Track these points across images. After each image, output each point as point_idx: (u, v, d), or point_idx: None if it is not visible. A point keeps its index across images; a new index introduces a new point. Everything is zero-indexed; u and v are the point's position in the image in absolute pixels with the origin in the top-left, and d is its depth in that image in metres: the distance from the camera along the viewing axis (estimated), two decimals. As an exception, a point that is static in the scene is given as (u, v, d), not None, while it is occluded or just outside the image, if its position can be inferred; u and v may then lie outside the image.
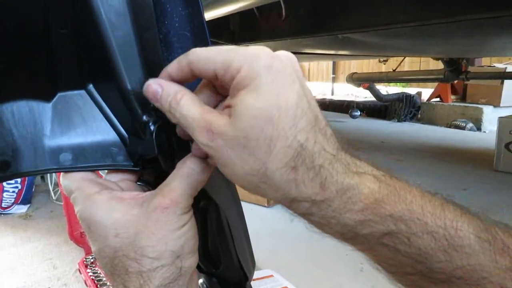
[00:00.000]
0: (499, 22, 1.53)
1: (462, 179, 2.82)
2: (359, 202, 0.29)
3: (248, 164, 0.28)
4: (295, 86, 0.29)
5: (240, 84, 0.28)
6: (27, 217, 2.20)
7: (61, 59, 0.35)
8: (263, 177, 0.29)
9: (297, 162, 0.28)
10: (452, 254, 0.29)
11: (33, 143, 0.35)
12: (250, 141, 0.28)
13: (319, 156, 0.29)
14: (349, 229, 0.30)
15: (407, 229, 0.29)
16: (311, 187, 0.29)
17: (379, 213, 0.29)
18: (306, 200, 0.29)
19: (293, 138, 0.28)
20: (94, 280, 1.39)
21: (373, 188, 0.29)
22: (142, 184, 0.39)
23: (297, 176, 0.28)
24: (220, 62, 0.29)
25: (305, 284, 1.42)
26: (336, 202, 0.29)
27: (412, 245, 0.29)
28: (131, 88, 0.34)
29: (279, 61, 0.29)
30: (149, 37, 0.36)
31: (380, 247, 0.30)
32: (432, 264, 0.29)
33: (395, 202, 0.29)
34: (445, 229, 0.29)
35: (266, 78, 0.28)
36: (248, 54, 0.29)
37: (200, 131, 0.30)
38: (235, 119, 0.28)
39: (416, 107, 5.74)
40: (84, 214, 0.34)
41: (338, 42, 2.25)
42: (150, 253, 0.32)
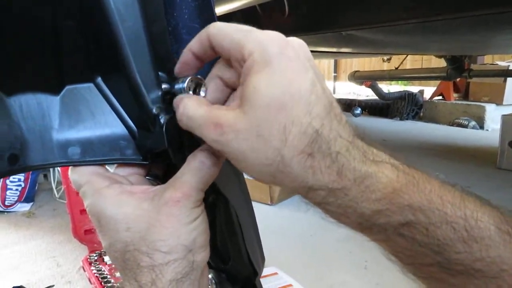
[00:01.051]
0: (502, 18, 1.52)
1: (465, 177, 2.81)
2: (377, 191, 0.28)
3: (262, 154, 0.28)
4: (308, 73, 0.29)
5: (251, 69, 0.28)
6: (30, 215, 2.21)
7: (69, 51, 0.35)
8: (280, 166, 0.28)
9: (313, 148, 0.28)
10: (472, 245, 0.28)
11: (41, 137, 0.35)
12: (264, 129, 0.27)
13: (335, 142, 0.28)
14: (366, 219, 0.29)
15: (426, 219, 0.28)
16: (328, 175, 0.28)
17: (397, 202, 0.28)
18: (323, 188, 0.28)
19: (307, 125, 0.27)
20: (98, 278, 1.39)
21: (391, 177, 0.29)
22: (151, 178, 0.39)
23: (314, 163, 0.28)
24: (236, 42, 0.29)
25: (309, 281, 1.42)
26: (353, 191, 0.28)
27: (430, 236, 0.29)
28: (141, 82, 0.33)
29: (292, 48, 0.29)
30: (158, 29, 0.36)
31: (397, 237, 0.29)
32: (451, 255, 0.29)
33: (414, 191, 0.29)
34: (465, 219, 0.29)
35: (278, 65, 0.28)
36: (261, 39, 0.29)
37: (207, 127, 0.29)
38: (247, 108, 0.28)
39: (418, 106, 5.73)
40: (94, 208, 0.34)
41: (341, 39, 2.24)
42: (162, 247, 0.32)
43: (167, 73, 0.36)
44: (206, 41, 0.31)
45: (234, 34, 0.30)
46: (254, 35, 0.29)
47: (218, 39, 0.31)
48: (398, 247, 0.30)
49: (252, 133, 0.28)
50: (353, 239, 1.76)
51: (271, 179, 0.29)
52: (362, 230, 0.31)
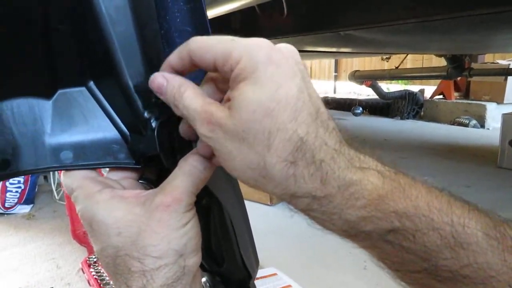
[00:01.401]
0: (502, 17, 1.51)
1: (465, 176, 2.80)
2: (362, 198, 0.28)
3: (247, 158, 0.28)
4: (295, 79, 0.28)
5: (240, 76, 0.28)
6: (30, 217, 2.21)
7: (61, 55, 0.35)
8: (263, 171, 0.28)
9: (296, 156, 0.27)
10: (459, 251, 0.28)
11: (33, 141, 0.35)
12: (249, 134, 0.27)
13: (320, 150, 0.28)
14: (351, 226, 0.29)
15: (412, 225, 0.28)
16: (311, 182, 0.28)
17: (383, 209, 0.28)
18: (306, 195, 0.28)
19: (293, 132, 0.27)
20: (97, 280, 1.39)
21: (377, 183, 0.29)
22: (144, 182, 0.39)
23: (296, 171, 0.28)
24: (220, 52, 0.29)
25: (308, 282, 1.42)
26: (337, 198, 0.28)
27: (417, 242, 0.28)
28: (133, 86, 0.33)
29: (280, 53, 0.29)
30: (150, 32, 0.36)
31: (384, 244, 0.29)
32: (438, 262, 0.28)
33: (400, 197, 0.29)
34: (452, 225, 0.28)
35: (266, 70, 0.28)
36: (248, 45, 0.28)
37: (201, 122, 0.29)
38: (234, 112, 0.28)
39: (419, 105, 5.72)
40: (86, 213, 0.34)
41: (340, 39, 2.24)
42: (153, 252, 0.32)
43: None
44: (186, 57, 0.31)
45: (217, 45, 0.29)
46: (240, 43, 0.29)
47: (200, 53, 0.30)
48: (384, 254, 0.30)
49: (238, 136, 0.28)
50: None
51: (254, 183, 0.29)
52: (349, 237, 0.30)
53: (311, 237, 1.87)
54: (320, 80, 9.73)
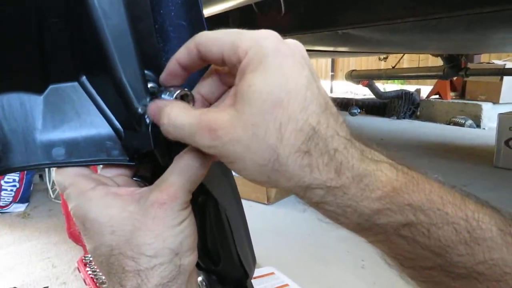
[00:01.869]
0: (499, 16, 1.52)
1: (462, 176, 2.81)
2: (377, 190, 0.28)
3: (258, 154, 0.27)
4: (304, 71, 0.28)
5: (248, 67, 0.27)
6: (26, 216, 2.19)
7: (53, 50, 0.34)
8: (276, 165, 0.27)
9: (310, 146, 0.27)
10: (474, 247, 0.27)
11: (24, 138, 0.34)
12: (260, 128, 0.27)
13: (333, 140, 0.27)
14: (365, 219, 0.28)
15: (427, 219, 0.28)
16: (326, 172, 0.27)
17: (398, 202, 0.28)
18: (321, 187, 0.28)
19: (304, 121, 0.27)
20: (93, 279, 1.38)
21: (391, 176, 0.28)
22: (138, 179, 0.38)
23: (311, 161, 0.27)
24: (228, 44, 0.29)
25: (306, 281, 1.42)
26: (352, 190, 0.28)
27: (431, 237, 0.28)
28: (127, 81, 0.32)
29: (288, 46, 0.29)
30: (144, 27, 0.35)
31: (397, 238, 0.29)
32: (453, 258, 0.28)
33: (414, 191, 0.28)
34: (467, 220, 0.28)
35: (274, 61, 0.27)
36: (256, 37, 0.28)
37: (201, 134, 0.28)
38: (241, 106, 0.27)
39: (415, 104, 5.73)
40: (78, 211, 0.33)
41: (338, 38, 2.24)
42: (147, 251, 0.31)
43: (153, 72, 0.35)
44: (194, 50, 0.30)
45: (224, 37, 0.29)
46: (248, 34, 0.28)
47: (207, 46, 0.30)
48: (398, 249, 0.29)
49: (247, 133, 0.27)
50: (351, 239, 1.74)
51: (266, 180, 0.28)
52: (361, 231, 0.30)
53: (309, 236, 1.87)
54: (317, 80, 9.72)
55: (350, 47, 3.21)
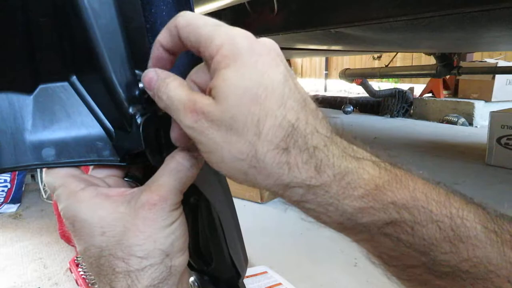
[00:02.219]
0: (491, 15, 1.53)
1: (454, 174, 2.83)
2: (359, 188, 0.27)
3: (236, 148, 0.27)
4: (280, 68, 0.28)
5: (221, 64, 0.27)
6: (17, 216, 2.17)
7: (42, 49, 0.34)
8: (253, 161, 0.27)
9: (288, 143, 0.26)
10: (458, 245, 0.27)
11: (13, 138, 0.34)
12: (237, 121, 0.26)
13: (312, 137, 0.27)
14: (348, 217, 0.28)
15: (411, 217, 0.27)
16: (305, 171, 0.27)
17: (381, 200, 0.27)
18: (300, 185, 0.27)
19: (282, 118, 0.26)
20: (85, 279, 1.37)
21: (373, 173, 0.28)
22: (129, 180, 0.38)
23: (290, 158, 0.27)
24: (204, 36, 0.28)
25: (299, 280, 1.42)
26: (333, 188, 0.27)
27: (415, 235, 0.28)
28: (117, 81, 0.32)
29: (262, 44, 0.28)
30: (135, 26, 0.35)
31: (381, 237, 0.28)
32: (437, 256, 0.28)
33: (397, 188, 0.28)
34: (451, 218, 0.28)
35: (249, 59, 0.27)
36: (230, 34, 0.28)
37: (184, 112, 0.28)
38: (219, 98, 0.27)
39: (408, 103, 5.76)
40: (68, 212, 0.33)
41: (331, 37, 2.24)
42: (138, 252, 0.31)
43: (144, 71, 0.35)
44: (174, 32, 0.30)
45: (202, 28, 0.28)
46: (223, 29, 0.28)
47: (186, 32, 0.29)
48: (382, 247, 0.29)
49: (225, 124, 0.26)
50: (343, 238, 1.75)
51: (243, 177, 0.28)
52: (344, 229, 0.29)
53: (302, 234, 1.87)
54: (310, 78, 9.75)
55: (343, 46, 3.21)
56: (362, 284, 1.46)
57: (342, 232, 0.30)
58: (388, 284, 0.33)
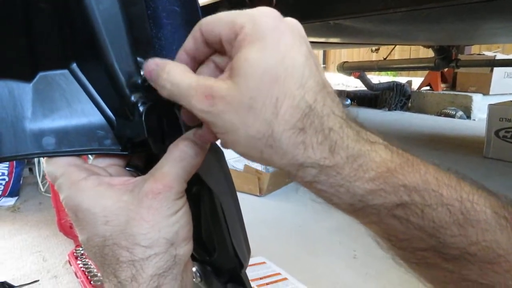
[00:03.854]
0: (489, 6, 1.52)
1: (452, 166, 2.83)
2: (371, 170, 0.28)
3: (253, 128, 0.27)
4: (302, 48, 0.28)
5: (243, 41, 0.27)
6: (15, 210, 2.17)
7: (41, 36, 0.33)
8: (270, 140, 0.27)
9: (305, 123, 0.27)
10: (467, 228, 0.27)
11: (13, 127, 0.33)
12: (256, 102, 0.26)
13: (329, 118, 0.27)
14: (358, 199, 0.28)
15: (421, 200, 0.28)
16: (319, 151, 0.27)
17: (392, 182, 0.28)
18: (314, 166, 0.27)
19: (300, 98, 0.27)
20: (84, 272, 1.37)
21: (385, 157, 0.28)
22: (131, 169, 0.37)
23: (306, 138, 0.27)
24: (225, 21, 0.28)
25: (298, 272, 1.42)
26: (346, 169, 0.27)
27: (425, 218, 0.28)
28: (119, 68, 0.32)
29: (286, 23, 0.28)
30: (136, 12, 0.34)
31: (391, 219, 0.28)
32: (446, 239, 0.28)
33: (409, 172, 0.28)
34: (461, 202, 0.28)
35: (272, 37, 0.27)
36: (254, 13, 0.28)
37: (199, 97, 0.28)
38: (239, 79, 0.27)
39: (406, 96, 5.75)
40: (71, 201, 0.32)
41: (330, 29, 2.23)
42: (142, 241, 0.30)
43: (146, 59, 0.35)
44: (199, 36, 0.30)
45: (224, 17, 0.29)
46: (246, 11, 0.28)
47: (209, 27, 0.29)
48: (391, 230, 0.29)
49: (244, 105, 0.27)
50: (342, 230, 1.76)
51: (259, 155, 0.28)
52: (354, 211, 0.29)
53: (301, 226, 1.87)
54: (308, 71, 9.71)
55: (342, 38, 3.20)
56: (361, 276, 1.47)
57: (352, 214, 0.30)
58: (386, 275, 0.32)
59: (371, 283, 1.41)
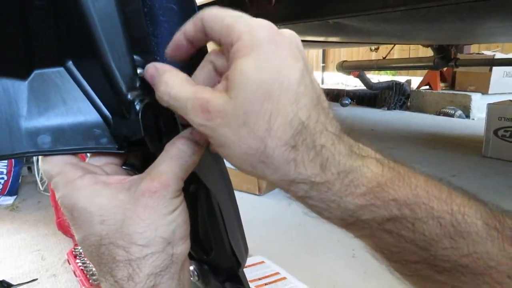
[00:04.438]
0: (489, 5, 1.52)
1: (451, 166, 2.84)
2: (362, 186, 0.28)
3: (246, 143, 0.27)
4: (298, 63, 0.28)
5: (239, 52, 0.27)
6: (14, 209, 2.16)
7: (37, 33, 0.33)
8: (262, 156, 0.27)
9: (297, 140, 0.27)
10: (459, 241, 0.28)
11: (8, 125, 0.33)
12: (250, 117, 0.26)
13: (321, 135, 0.27)
14: (349, 214, 0.28)
15: (412, 214, 0.28)
16: (311, 168, 0.27)
17: (382, 197, 0.28)
18: (305, 182, 0.28)
19: (293, 115, 0.27)
20: (83, 271, 1.37)
21: (376, 171, 0.28)
22: (128, 168, 0.37)
23: (297, 155, 0.27)
24: (226, 25, 0.28)
25: (297, 271, 1.42)
26: (337, 185, 0.28)
27: (416, 231, 0.28)
28: (115, 66, 0.31)
29: (283, 36, 0.28)
30: (132, 10, 0.34)
31: (382, 233, 0.29)
32: (437, 251, 0.28)
33: (399, 186, 0.28)
34: (452, 214, 0.28)
35: (267, 51, 0.27)
36: (251, 24, 0.28)
37: (195, 111, 0.28)
38: (234, 92, 0.27)
39: (405, 95, 5.76)
40: (67, 200, 0.32)
41: (329, 27, 2.22)
42: (139, 240, 0.30)
43: (142, 57, 0.34)
44: (199, 25, 0.30)
45: (225, 18, 0.29)
46: (245, 19, 0.28)
47: (210, 22, 0.29)
48: (383, 243, 0.29)
49: (238, 120, 0.27)
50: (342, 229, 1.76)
51: (253, 170, 0.28)
52: (346, 226, 0.30)
53: (300, 226, 1.87)
54: (308, 71, 9.69)
55: (341, 37, 3.20)
56: (360, 275, 1.47)
57: (344, 228, 0.30)
58: (385, 275, 0.33)
59: (370, 282, 1.41)
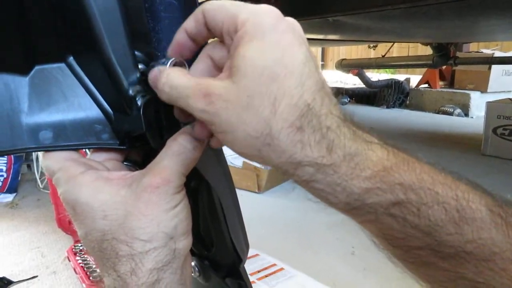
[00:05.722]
0: (488, 3, 1.52)
1: (450, 164, 2.84)
2: (367, 169, 0.28)
3: (251, 126, 0.27)
4: (302, 48, 0.28)
5: (243, 38, 0.27)
6: (14, 206, 2.17)
7: (38, 29, 0.33)
8: (267, 139, 0.27)
9: (303, 122, 0.27)
10: (463, 226, 0.28)
11: (10, 121, 0.33)
12: (254, 100, 0.26)
13: (326, 118, 0.27)
14: (355, 198, 0.28)
15: (417, 198, 0.28)
16: (317, 150, 0.27)
17: (388, 181, 0.28)
18: (311, 164, 0.27)
19: (299, 97, 0.27)
20: (83, 268, 1.37)
21: (382, 156, 0.28)
22: (129, 164, 0.37)
23: (303, 137, 0.27)
24: (230, 12, 0.28)
25: (296, 267, 1.42)
26: (343, 168, 0.27)
27: (421, 216, 0.28)
28: (116, 61, 0.31)
29: (286, 22, 0.28)
30: (133, 5, 0.34)
31: (387, 218, 0.29)
32: (442, 237, 0.28)
33: (405, 170, 0.28)
34: (457, 200, 0.28)
35: (272, 36, 0.27)
36: (255, 10, 0.28)
37: (196, 97, 0.28)
38: (237, 77, 0.27)
39: (404, 94, 5.76)
40: (69, 196, 0.32)
41: (329, 25, 2.22)
42: (141, 235, 0.30)
43: (143, 52, 0.34)
44: (200, 18, 0.30)
45: (229, 6, 0.29)
46: (249, 6, 0.28)
47: (212, 13, 0.29)
48: (387, 228, 0.29)
49: (242, 104, 0.27)
50: (341, 226, 1.77)
51: (256, 153, 0.28)
52: (351, 210, 0.29)
53: (299, 223, 1.88)
54: (307, 69, 9.69)
55: (341, 35, 3.20)
56: (359, 272, 1.47)
57: (348, 213, 0.30)
58: (385, 271, 0.32)
59: (369, 279, 1.41)
